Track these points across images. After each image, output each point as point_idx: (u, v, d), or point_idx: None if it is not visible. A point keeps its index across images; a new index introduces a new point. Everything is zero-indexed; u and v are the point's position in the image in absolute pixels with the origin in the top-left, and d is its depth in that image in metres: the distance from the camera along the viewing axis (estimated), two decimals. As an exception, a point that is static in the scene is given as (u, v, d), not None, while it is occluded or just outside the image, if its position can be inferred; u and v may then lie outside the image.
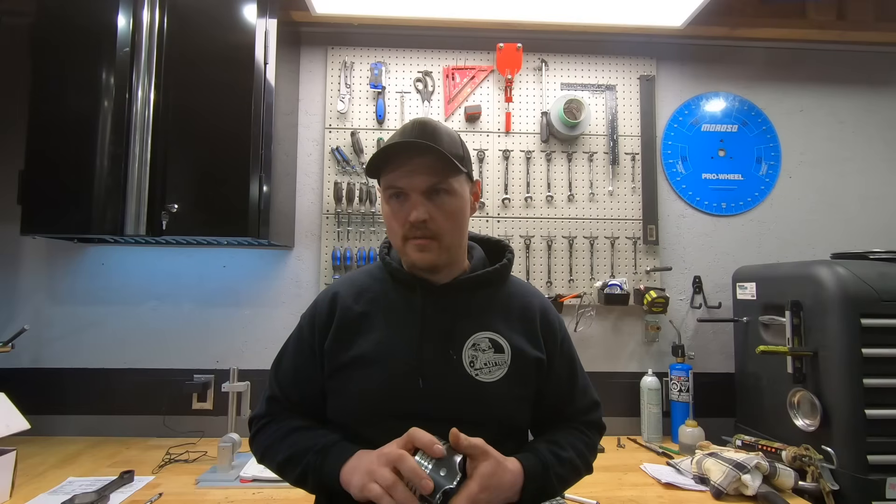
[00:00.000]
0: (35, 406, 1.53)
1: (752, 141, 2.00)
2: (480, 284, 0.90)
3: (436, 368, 0.84)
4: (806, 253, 1.96)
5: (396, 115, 1.91)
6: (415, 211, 0.82)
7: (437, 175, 0.83)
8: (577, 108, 1.85)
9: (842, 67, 2.04)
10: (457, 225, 0.87)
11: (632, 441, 1.75)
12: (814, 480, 1.32)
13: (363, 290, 0.92)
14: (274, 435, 0.88)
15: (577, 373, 0.97)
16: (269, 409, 0.92)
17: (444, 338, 0.85)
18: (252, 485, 1.35)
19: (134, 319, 1.81)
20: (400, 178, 0.83)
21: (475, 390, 0.83)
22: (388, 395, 0.83)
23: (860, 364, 1.33)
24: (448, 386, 0.83)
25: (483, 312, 0.89)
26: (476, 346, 0.86)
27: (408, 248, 0.85)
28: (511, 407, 0.87)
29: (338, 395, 0.87)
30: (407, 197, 0.84)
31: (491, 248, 0.99)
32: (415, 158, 0.82)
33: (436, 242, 0.84)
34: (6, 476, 1.25)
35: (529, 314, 0.92)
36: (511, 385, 0.85)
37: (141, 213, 1.48)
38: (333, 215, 1.86)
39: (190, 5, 1.53)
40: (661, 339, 1.90)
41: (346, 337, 0.87)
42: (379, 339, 0.86)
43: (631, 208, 1.93)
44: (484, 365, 0.85)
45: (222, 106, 1.52)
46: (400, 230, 0.85)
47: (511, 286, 0.96)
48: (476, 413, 0.83)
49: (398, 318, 0.88)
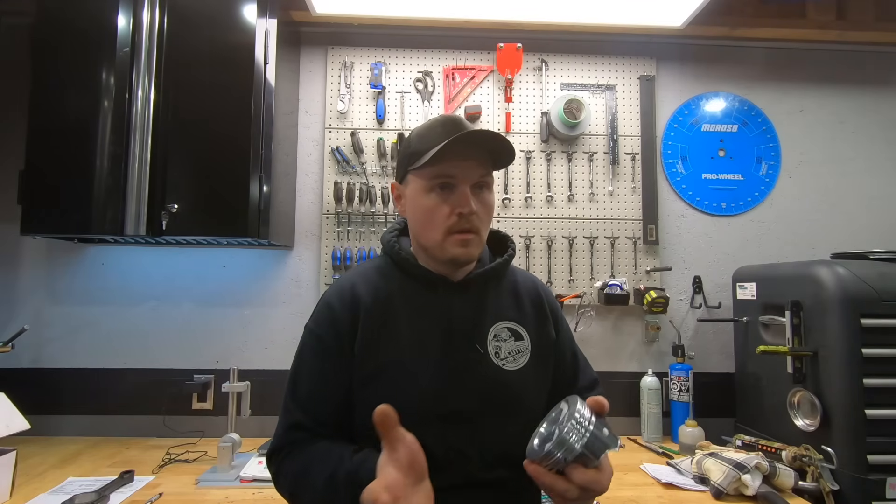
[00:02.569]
0: (35, 406, 1.53)
1: (752, 141, 2.00)
2: (492, 277, 0.91)
3: (466, 365, 0.84)
4: (806, 253, 1.96)
5: (396, 115, 1.91)
6: (469, 202, 0.81)
7: (485, 167, 0.84)
8: (577, 108, 1.85)
9: (842, 67, 2.04)
10: (490, 220, 0.89)
11: (632, 441, 1.75)
12: (814, 480, 1.32)
13: (379, 288, 0.88)
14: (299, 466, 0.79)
15: (577, 350, 1.01)
16: (290, 439, 0.82)
17: (469, 333, 0.86)
18: (252, 485, 1.35)
19: (134, 319, 1.81)
20: (454, 167, 0.82)
21: (505, 380, 0.84)
22: (427, 398, 0.81)
23: (860, 364, 1.33)
24: (480, 380, 0.83)
25: (497, 303, 0.90)
26: (497, 337, 0.87)
27: (449, 242, 0.83)
28: (540, 392, 0.89)
29: (370, 403, 0.78)
30: (453, 189, 0.83)
31: (492, 239, 1.00)
32: (471, 149, 0.82)
33: (477, 237, 0.84)
34: (6, 476, 1.25)
35: (537, 298, 0.95)
36: (536, 369, 0.88)
37: (141, 213, 1.48)
38: (333, 215, 1.86)
39: (190, 5, 1.53)
40: (661, 339, 1.90)
41: (373, 341, 0.83)
42: (408, 341, 0.83)
43: (631, 208, 1.93)
44: (508, 354, 0.86)
45: (222, 106, 1.52)
46: (444, 223, 0.82)
47: (513, 274, 0.97)
48: (508, 404, 0.84)
49: (423, 316, 0.86)
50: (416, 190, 0.86)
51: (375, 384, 0.82)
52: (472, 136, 0.81)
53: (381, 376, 0.82)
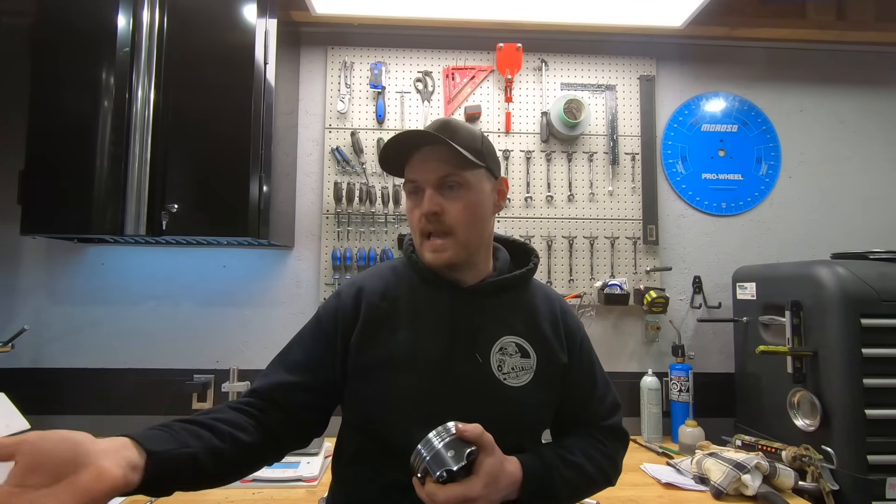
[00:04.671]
0: (35, 406, 1.52)
1: (752, 141, 2.00)
2: (506, 288, 0.89)
3: (464, 372, 0.82)
4: (806, 253, 1.96)
5: (396, 115, 1.91)
6: (427, 202, 0.81)
7: (449, 166, 0.82)
8: (577, 108, 1.85)
9: (842, 67, 2.04)
10: (473, 219, 0.84)
11: (632, 441, 1.74)
12: (814, 480, 1.32)
13: (389, 286, 0.89)
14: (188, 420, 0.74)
15: (597, 376, 0.95)
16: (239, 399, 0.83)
17: (471, 341, 0.84)
18: (252, 485, 1.35)
19: (134, 319, 1.81)
20: (412, 169, 0.84)
21: (503, 395, 0.82)
22: (418, 399, 0.81)
23: (860, 364, 1.33)
24: (477, 390, 0.82)
25: (509, 316, 0.88)
26: (503, 351, 0.85)
27: (424, 248, 0.85)
28: (537, 412, 0.87)
29: (362, 396, 0.84)
30: (422, 191, 0.83)
31: (516, 250, 0.98)
32: (425, 150, 0.83)
33: (451, 240, 0.83)
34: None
35: (553, 318, 0.92)
36: (538, 390, 0.85)
37: (141, 213, 1.48)
38: (333, 215, 1.86)
39: (190, 5, 1.53)
40: (661, 339, 1.90)
41: (372, 335, 0.85)
42: (407, 340, 0.84)
43: (631, 208, 1.93)
44: (511, 369, 0.84)
45: (222, 106, 1.51)
46: (417, 226, 0.84)
47: (534, 289, 0.94)
48: (503, 418, 0.81)
49: (426, 318, 0.86)
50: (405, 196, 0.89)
51: (364, 378, 0.83)
52: (411, 134, 0.82)
53: (372, 371, 0.83)
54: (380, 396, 0.82)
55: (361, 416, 0.85)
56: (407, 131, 0.82)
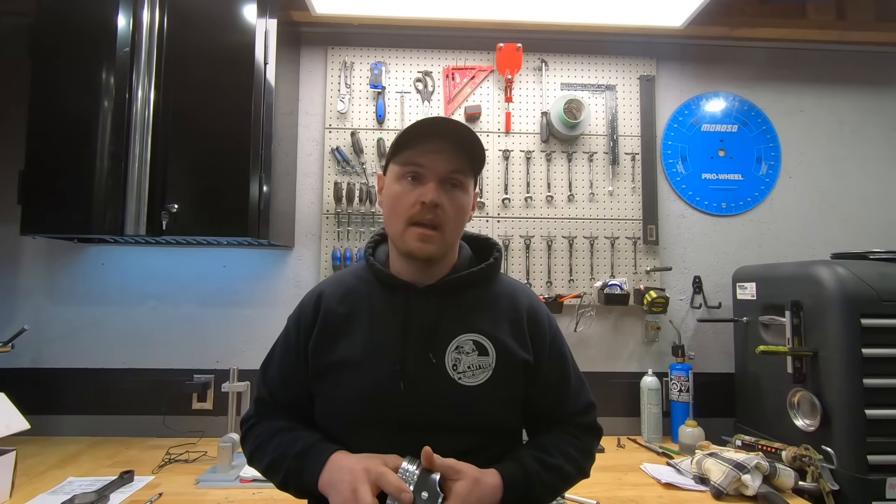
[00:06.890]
0: (35, 406, 1.53)
1: (752, 141, 2.00)
2: (466, 285, 0.88)
3: (418, 372, 0.82)
4: (806, 253, 1.96)
5: (396, 115, 1.91)
6: (433, 192, 0.80)
7: (458, 163, 0.83)
8: (577, 108, 1.85)
9: (842, 67, 2.04)
10: (460, 221, 0.86)
11: (632, 441, 1.75)
12: (814, 480, 1.32)
13: (349, 290, 0.90)
14: (260, 438, 0.87)
15: (569, 374, 0.93)
16: (258, 411, 0.92)
17: (427, 341, 0.83)
18: (252, 485, 1.35)
19: (134, 319, 1.81)
20: (422, 154, 0.82)
21: (458, 394, 0.81)
22: (372, 401, 0.82)
23: (860, 364, 1.33)
24: (430, 390, 0.81)
25: (468, 313, 0.87)
26: (459, 349, 0.83)
27: (409, 235, 0.82)
28: (496, 410, 0.85)
29: (322, 398, 0.86)
30: (422, 179, 0.82)
31: (479, 246, 0.97)
32: (440, 141, 0.82)
33: (439, 234, 0.82)
34: (6, 476, 1.25)
35: (516, 314, 0.89)
36: (496, 388, 0.83)
37: (141, 213, 1.48)
38: (333, 215, 1.86)
39: (190, 5, 1.53)
40: (661, 339, 1.90)
41: (330, 339, 0.86)
42: (362, 342, 0.84)
43: (631, 208, 1.93)
44: (467, 368, 0.83)
45: (222, 106, 1.51)
46: (406, 212, 0.82)
47: (499, 285, 0.92)
48: (460, 418, 0.82)
49: (382, 320, 0.86)
50: (391, 178, 0.86)
51: (323, 381, 0.86)
52: (437, 121, 0.82)
53: (329, 374, 0.85)
54: (336, 399, 0.84)
55: (321, 417, 0.87)
56: (438, 118, 0.82)
